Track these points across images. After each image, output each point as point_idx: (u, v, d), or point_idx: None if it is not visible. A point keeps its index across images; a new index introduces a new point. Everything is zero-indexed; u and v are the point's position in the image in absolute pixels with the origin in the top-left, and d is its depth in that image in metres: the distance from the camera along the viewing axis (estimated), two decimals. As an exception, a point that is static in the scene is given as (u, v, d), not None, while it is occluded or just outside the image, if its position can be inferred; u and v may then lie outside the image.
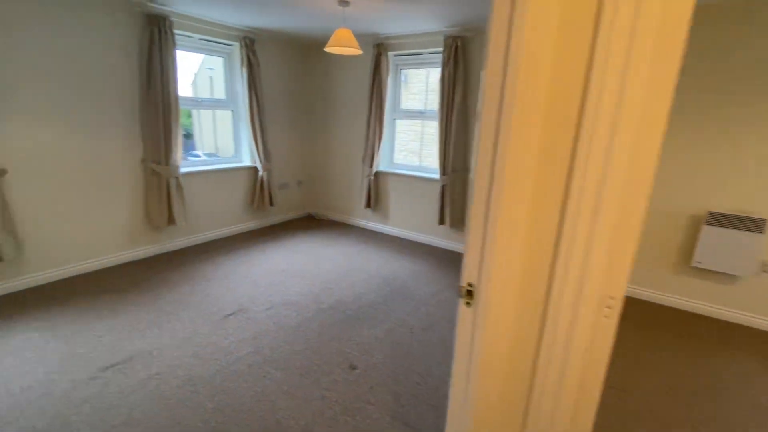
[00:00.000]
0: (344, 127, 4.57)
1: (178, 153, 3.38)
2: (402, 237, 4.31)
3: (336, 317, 2.54)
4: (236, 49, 3.87)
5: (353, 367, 2.05)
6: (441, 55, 3.51)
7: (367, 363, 2.09)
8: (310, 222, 4.82)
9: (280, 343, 2.24)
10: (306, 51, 4.60)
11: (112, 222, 3.19)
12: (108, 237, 3.19)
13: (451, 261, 3.66)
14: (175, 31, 3.22)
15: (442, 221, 3.85)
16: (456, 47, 3.39)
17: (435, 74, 4.00)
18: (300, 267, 3.36)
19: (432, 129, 4.23)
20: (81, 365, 1.97)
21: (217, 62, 4.06)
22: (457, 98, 3.48)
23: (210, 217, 3.95)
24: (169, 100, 3.21)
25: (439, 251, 3.91)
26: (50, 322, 2.35)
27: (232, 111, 4.15)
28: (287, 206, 4.83)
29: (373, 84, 3.96)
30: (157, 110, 3.18)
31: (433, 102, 4.03)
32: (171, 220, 3.45)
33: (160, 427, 1.61)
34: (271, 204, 4.37)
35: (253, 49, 3.86)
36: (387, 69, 3.92)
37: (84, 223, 3.02)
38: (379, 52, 3.86)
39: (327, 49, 2.86)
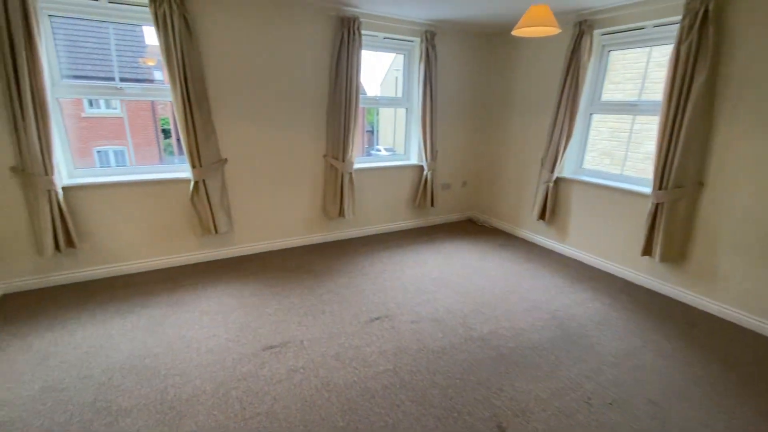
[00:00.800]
0: (522, 123, 3.97)
1: (354, 150, 3.54)
2: (584, 262, 3.47)
3: (487, 353, 2.14)
4: (416, 44, 3.80)
5: (502, 430, 1.63)
6: (676, 26, 2.54)
7: (521, 430, 1.63)
8: (470, 227, 4.45)
9: (420, 368, 2.00)
10: (487, 40, 4.18)
11: (297, 208, 3.61)
12: (292, 221, 3.62)
13: (657, 308, 2.69)
14: (363, 32, 3.33)
15: (648, 251, 2.87)
16: (705, 12, 2.38)
17: (658, 54, 2.99)
18: (452, 277, 3.06)
19: (644, 126, 3.21)
20: (250, 339, 2.20)
21: (399, 60, 4.10)
22: (697, 83, 2.45)
23: (375, 212, 4.06)
24: (350, 99, 3.37)
25: (639, 291, 2.95)
26: (240, 291, 2.78)
27: (406, 109, 4.14)
28: (448, 208, 4.58)
29: (567, 71, 3.24)
30: (340, 109, 3.38)
31: (653, 91, 3.02)
32: (341, 212, 3.68)
33: (292, 428, 1.60)
34: (432, 204, 4.21)
35: (433, 42, 3.70)
36: (589, 51, 3.14)
37: (276, 207, 3.50)
38: (580, 32, 3.12)
39: (515, 33, 2.40)
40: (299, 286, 2.87)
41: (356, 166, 3.73)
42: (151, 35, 3.28)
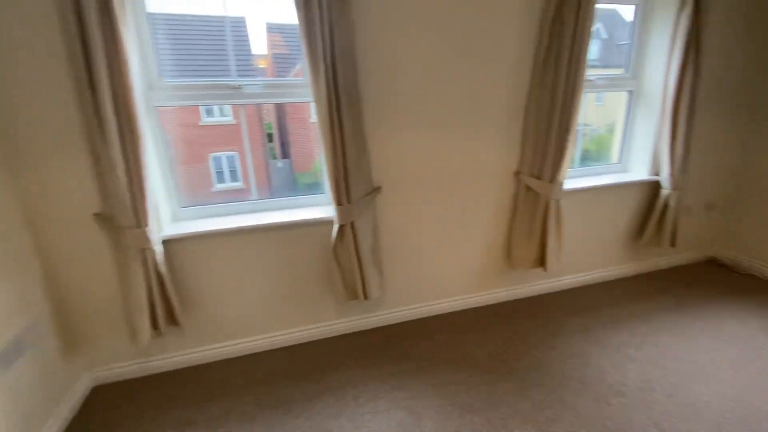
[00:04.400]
0: None
1: (566, 163, 2.19)
2: None
3: None
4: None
5: None
6: None
7: None
8: (711, 272, 2.81)
9: None
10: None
11: (469, 254, 2.38)
12: (462, 273, 2.40)
13: None
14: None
15: None
16: None
17: None
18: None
19: None
20: None
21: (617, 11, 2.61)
22: None
23: (574, 255, 2.65)
24: (575, 76, 2.01)
25: None
26: (417, 411, 1.64)
27: (630, 92, 2.63)
28: (680, 244, 2.95)
29: None
30: (553, 96, 2.04)
31: None
32: (542, 260, 2.35)
33: None
34: (673, 244, 2.64)
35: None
36: None
37: (439, 254, 2.32)
38: None
39: None
40: (508, 408, 1.63)
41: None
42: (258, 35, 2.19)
